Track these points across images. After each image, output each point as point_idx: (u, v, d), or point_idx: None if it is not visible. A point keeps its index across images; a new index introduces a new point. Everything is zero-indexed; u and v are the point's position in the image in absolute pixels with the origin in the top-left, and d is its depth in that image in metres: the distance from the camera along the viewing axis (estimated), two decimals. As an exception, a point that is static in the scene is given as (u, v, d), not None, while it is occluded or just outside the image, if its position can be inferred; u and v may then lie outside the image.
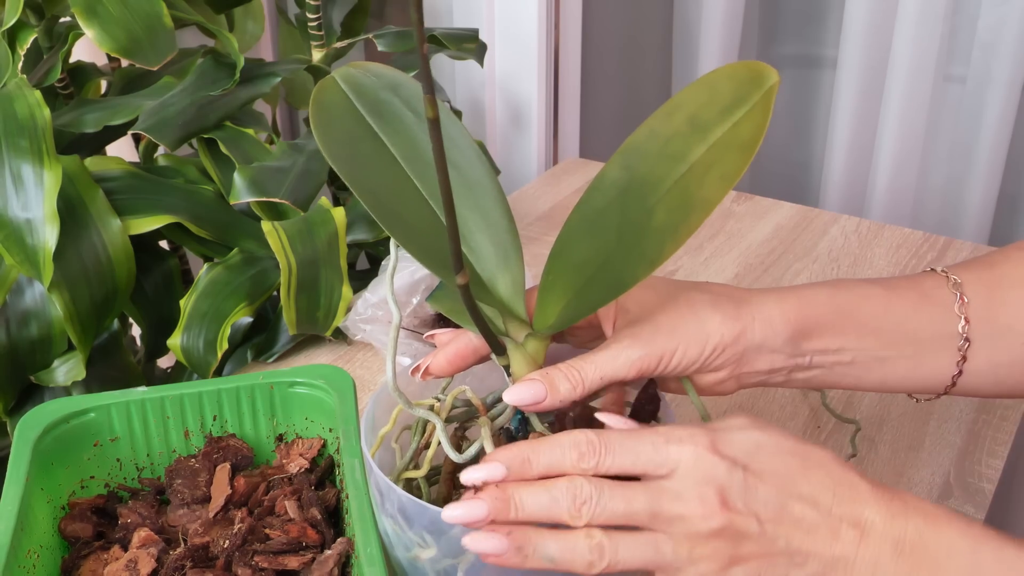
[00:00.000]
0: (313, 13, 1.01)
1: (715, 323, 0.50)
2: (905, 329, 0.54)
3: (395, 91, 0.51)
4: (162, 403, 0.62)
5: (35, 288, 0.79)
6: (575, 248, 0.46)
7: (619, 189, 0.45)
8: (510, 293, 0.49)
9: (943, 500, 0.69)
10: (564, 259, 0.46)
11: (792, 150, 1.43)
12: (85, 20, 0.79)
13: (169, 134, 0.85)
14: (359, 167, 0.47)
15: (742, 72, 0.43)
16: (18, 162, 0.75)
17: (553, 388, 0.47)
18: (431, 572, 0.48)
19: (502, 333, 0.49)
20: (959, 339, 0.54)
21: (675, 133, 0.44)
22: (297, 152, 0.92)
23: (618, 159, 0.45)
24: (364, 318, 0.82)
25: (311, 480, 0.60)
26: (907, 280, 0.56)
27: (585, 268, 0.46)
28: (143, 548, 0.56)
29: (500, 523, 0.43)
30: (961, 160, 1.23)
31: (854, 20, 1.20)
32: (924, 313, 0.54)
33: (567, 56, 1.24)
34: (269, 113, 1.24)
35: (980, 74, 1.18)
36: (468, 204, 0.50)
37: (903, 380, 0.55)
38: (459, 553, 0.46)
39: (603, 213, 0.45)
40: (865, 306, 0.53)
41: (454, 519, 0.43)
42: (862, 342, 0.53)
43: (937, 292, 0.54)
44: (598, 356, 0.48)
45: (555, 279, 0.47)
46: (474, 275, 0.49)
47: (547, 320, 0.48)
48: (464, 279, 0.42)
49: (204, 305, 0.82)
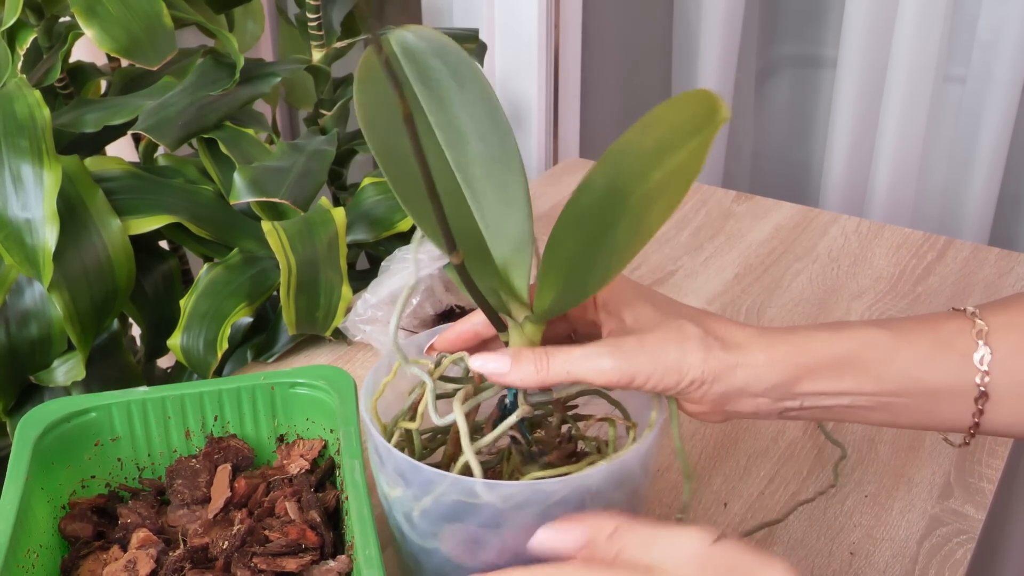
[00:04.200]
0: (313, 13, 1.01)
1: (696, 359, 0.49)
2: (912, 377, 0.51)
3: (442, 57, 0.51)
4: (163, 403, 0.62)
5: (35, 288, 0.79)
6: (565, 243, 0.47)
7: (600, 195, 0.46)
8: (516, 275, 0.50)
9: (943, 500, 0.69)
10: (556, 252, 0.47)
11: (792, 150, 1.43)
12: (85, 20, 0.79)
13: (169, 134, 0.85)
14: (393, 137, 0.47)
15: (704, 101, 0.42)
16: (18, 162, 0.75)
17: (517, 366, 0.48)
18: (399, 511, 0.51)
19: (505, 312, 0.49)
20: (975, 392, 0.50)
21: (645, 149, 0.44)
22: (297, 152, 0.92)
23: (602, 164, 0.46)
24: (364, 319, 0.82)
25: (311, 481, 0.60)
26: (923, 322, 0.52)
27: (572, 261, 0.47)
28: (142, 548, 0.56)
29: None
30: (961, 160, 1.23)
31: (854, 20, 1.20)
32: (936, 362, 0.51)
33: (567, 56, 1.24)
34: (269, 113, 1.24)
35: (980, 74, 1.18)
36: (493, 180, 0.50)
37: (916, 424, 0.53)
38: (421, 497, 0.49)
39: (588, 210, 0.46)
40: (866, 353, 0.51)
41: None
42: (862, 388, 0.51)
43: (956, 339, 0.51)
44: (572, 352, 0.48)
45: (548, 269, 0.47)
46: (485, 251, 0.49)
47: (543, 305, 0.48)
48: (458, 259, 0.43)
49: (204, 305, 0.82)
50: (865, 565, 0.64)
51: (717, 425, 0.76)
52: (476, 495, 0.47)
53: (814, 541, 0.66)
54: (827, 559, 0.65)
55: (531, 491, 0.47)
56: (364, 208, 0.93)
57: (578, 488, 0.48)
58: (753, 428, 0.76)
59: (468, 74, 0.51)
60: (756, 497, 0.69)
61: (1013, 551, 1.32)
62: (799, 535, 0.66)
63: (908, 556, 0.65)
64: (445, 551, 0.51)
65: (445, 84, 0.50)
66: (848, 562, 0.64)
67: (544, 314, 0.49)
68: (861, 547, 0.65)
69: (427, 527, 0.50)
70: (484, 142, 0.50)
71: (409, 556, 0.53)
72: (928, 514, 0.68)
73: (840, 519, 0.68)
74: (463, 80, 0.50)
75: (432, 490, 0.48)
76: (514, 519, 0.48)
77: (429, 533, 0.50)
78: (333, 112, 1.05)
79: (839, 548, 0.65)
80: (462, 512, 0.48)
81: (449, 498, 0.48)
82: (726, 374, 0.49)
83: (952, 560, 0.64)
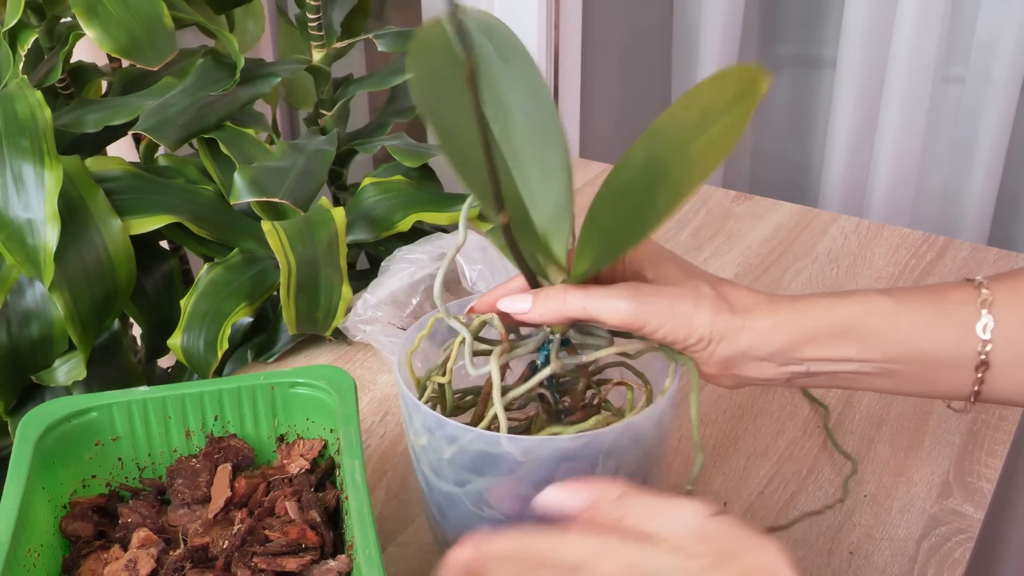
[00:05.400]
0: (313, 13, 1.01)
1: (704, 318, 0.51)
2: (914, 345, 0.51)
3: (488, 34, 0.53)
4: (164, 403, 0.62)
5: (36, 288, 0.79)
6: (605, 212, 0.50)
7: (640, 167, 0.49)
8: (555, 241, 0.52)
9: (943, 500, 0.69)
10: (596, 221, 0.50)
11: (792, 150, 1.43)
12: (86, 20, 0.79)
13: (169, 134, 0.85)
14: (443, 106, 0.50)
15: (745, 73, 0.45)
16: (19, 162, 0.75)
17: (538, 302, 0.51)
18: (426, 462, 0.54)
19: (543, 275, 0.52)
20: (976, 361, 0.51)
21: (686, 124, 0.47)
22: (297, 152, 0.92)
23: (643, 141, 0.49)
24: (364, 319, 0.82)
25: (311, 481, 0.60)
26: (929, 291, 0.53)
27: (611, 229, 0.50)
28: (142, 548, 0.56)
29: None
30: (961, 160, 1.23)
31: (854, 20, 1.20)
32: (938, 331, 0.51)
33: (567, 56, 1.24)
34: (269, 113, 1.24)
35: (979, 74, 1.18)
36: (535, 150, 0.53)
37: (920, 391, 0.54)
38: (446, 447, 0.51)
39: (627, 185, 0.49)
40: (869, 320, 0.52)
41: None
42: (865, 355, 0.52)
43: (959, 308, 0.51)
44: (591, 291, 0.51)
45: (587, 237, 0.51)
46: (527, 218, 0.52)
47: (580, 269, 0.51)
48: (505, 219, 0.47)
49: (204, 305, 0.82)
50: (864, 564, 0.64)
51: (717, 425, 0.76)
52: (498, 445, 0.50)
53: (814, 540, 0.66)
54: (826, 559, 0.65)
55: (549, 445, 0.50)
56: (364, 208, 0.93)
57: (593, 444, 0.50)
58: (753, 428, 0.76)
59: (513, 51, 0.53)
60: (756, 497, 0.70)
61: (1012, 550, 1.32)
62: (799, 535, 0.67)
63: (907, 555, 0.65)
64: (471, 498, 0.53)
65: (491, 61, 0.53)
66: (848, 561, 0.64)
67: (580, 277, 0.51)
68: (860, 547, 0.65)
69: (453, 476, 0.53)
70: (528, 117, 0.53)
71: (436, 506, 0.56)
72: (927, 513, 0.68)
73: (840, 519, 0.68)
74: (508, 57, 0.53)
75: (457, 440, 0.51)
76: (532, 472, 0.50)
77: (454, 482, 0.53)
78: (333, 112, 1.05)
79: (838, 548, 0.65)
80: (484, 463, 0.51)
81: (473, 447, 0.51)
82: (731, 336, 0.51)
83: (951, 559, 0.64)
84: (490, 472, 0.51)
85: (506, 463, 0.50)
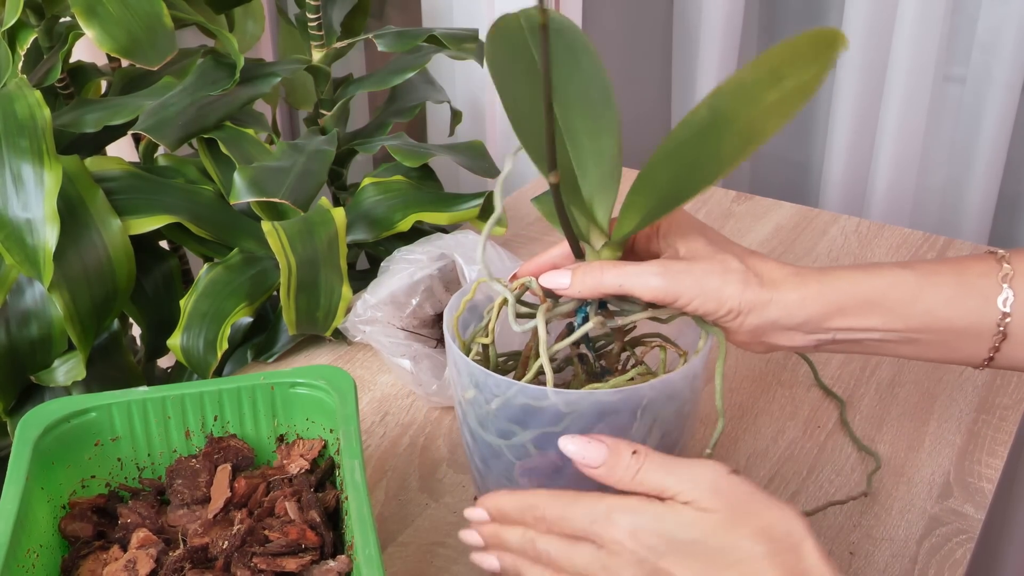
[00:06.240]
0: (313, 13, 1.01)
1: (734, 291, 0.54)
2: (936, 317, 0.54)
3: (560, 35, 0.60)
4: (163, 403, 0.62)
5: (35, 288, 0.79)
6: (657, 174, 0.53)
7: (701, 126, 0.51)
8: (600, 208, 0.57)
9: (943, 500, 0.69)
10: (647, 182, 0.53)
11: (792, 150, 1.43)
12: (85, 20, 0.79)
13: (169, 134, 0.85)
14: (511, 80, 0.57)
15: (823, 35, 0.47)
16: (18, 162, 0.75)
17: (577, 278, 0.55)
18: (473, 416, 0.58)
19: (585, 240, 0.56)
20: (994, 331, 0.54)
21: (756, 80, 0.49)
22: (297, 152, 0.92)
23: (708, 101, 0.51)
24: (364, 319, 0.82)
25: (311, 481, 0.60)
26: (951, 265, 0.55)
27: (661, 190, 0.52)
28: (142, 548, 0.56)
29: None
30: (961, 160, 1.23)
31: (854, 20, 1.20)
32: (960, 303, 0.54)
33: (567, 56, 1.24)
34: (269, 113, 1.24)
35: (980, 74, 1.18)
36: (587, 132, 0.58)
37: (940, 357, 0.57)
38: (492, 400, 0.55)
39: (683, 145, 0.52)
40: (893, 293, 0.54)
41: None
42: (888, 325, 0.55)
43: (981, 281, 0.54)
44: (626, 267, 0.54)
45: (636, 198, 0.54)
46: (575, 185, 0.57)
47: (623, 231, 0.55)
48: (556, 178, 0.50)
49: (204, 305, 0.82)
50: (865, 565, 0.64)
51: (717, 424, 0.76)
52: (543, 398, 0.53)
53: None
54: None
55: (590, 398, 0.53)
56: (364, 208, 0.93)
57: (631, 398, 0.54)
58: (753, 428, 0.76)
59: (582, 49, 0.60)
60: (756, 497, 0.69)
61: (1012, 551, 1.32)
62: (799, 535, 0.66)
63: (908, 556, 0.65)
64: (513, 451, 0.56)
65: (561, 57, 0.59)
66: (848, 562, 0.64)
67: (623, 238, 0.55)
68: (861, 547, 0.65)
69: (497, 428, 0.56)
70: (588, 104, 0.59)
71: (480, 458, 0.59)
72: (928, 514, 0.68)
73: (840, 518, 0.68)
74: (576, 54, 0.59)
75: (504, 393, 0.54)
76: (572, 425, 0.53)
77: (498, 433, 0.56)
78: (333, 112, 1.05)
79: (839, 548, 0.65)
80: (528, 416, 0.54)
81: (518, 401, 0.54)
82: (760, 308, 0.54)
83: (952, 560, 0.64)
84: (533, 425, 0.54)
85: (549, 415, 0.53)
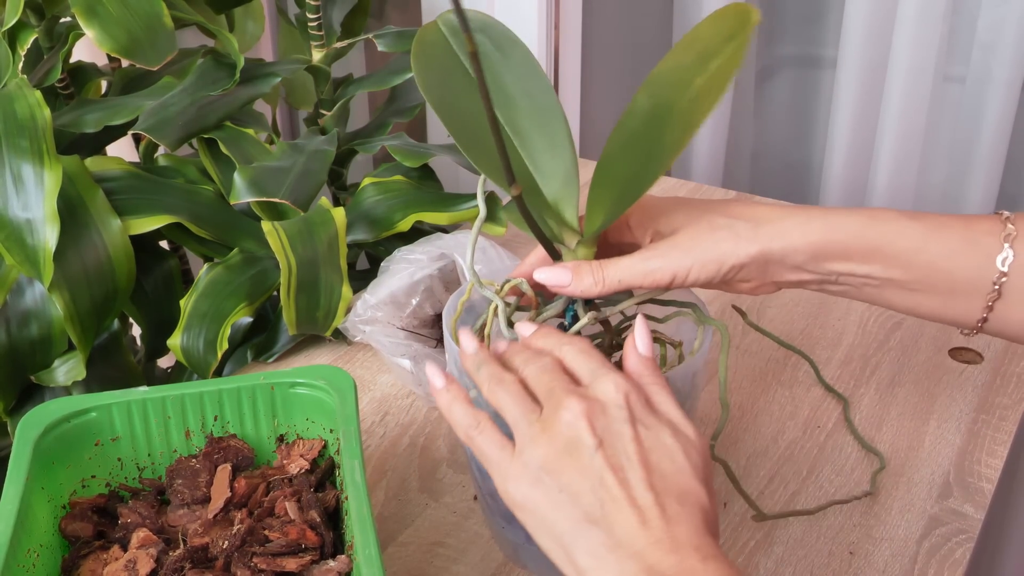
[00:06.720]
0: (313, 13, 1.01)
1: (729, 245, 0.54)
2: (937, 269, 0.54)
3: (485, 32, 0.59)
4: (163, 403, 0.62)
5: (35, 288, 0.79)
6: (614, 165, 0.53)
7: (646, 115, 0.51)
8: (566, 207, 0.56)
9: (943, 500, 0.69)
10: (606, 175, 0.53)
11: (792, 150, 1.43)
12: (85, 20, 0.79)
13: (169, 134, 0.85)
14: (448, 96, 0.55)
15: (736, 11, 0.48)
16: (18, 162, 0.75)
17: (578, 277, 0.54)
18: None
19: (559, 241, 0.56)
20: (990, 289, 0.54)
21: (687, 64, 0.50)
22: (297, 152, 0.92)
23: (646, 88, 0.51)
24: (364, 319, 0.82)
25: (311, 481, 0.60)
26: (959, 220, 0.56)
27: (621, 182, 0.52)
28: (142, 548, 0.56)
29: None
30: (961, 160, 1.23)
31: (854, 20, 1.20)
32: (961, 258, 0.54)
33: (567, 56, 1.24)
34: (269, 113, 1.24)
35: (980, 74, 1.18)
36: (538, 129, 0.57)
37: (933, 313, 0.57)
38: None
39: (635, 135, 0.52)
40: (898, 242, 0.54)
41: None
42: (890, 273, 0.55)
43: (985, 239, 0.54)
44: (622, 262, 0.54)
45: (599, 192, 0.54)
46: (537, 190, 0.56)
47: (593, 227, 0.54)
48: (517, 190, 0.50)
49: (204, 305, 0.82)
50: (864, 565, 0.64)
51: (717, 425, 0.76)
52: None
53: (814, 541, 0.66)
54: (827, 559, 0.65)
55: None
56: (364, 208, 0.93)
57: None
58: (753, 428, 0.76)
59: (510, 43, 0.59)
60: (756, 497, 0.69)
61: (1012, 551, 1.32)
62: (799, 534, 0.66)
63: (907, 556, 0.65)
64: None
65: (490, 53, 0.58)
66: (848, 561, 0.64)
67: (594, 234, 0.54)
68: (860, 546, 0.65)
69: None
70: (529, 98, 0.58)
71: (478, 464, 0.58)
72: (927, 514, 0.68)
73: (840, 518, 0.68)
74: (505, 49, 0.58)
75: None
76: None
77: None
78: (333, 112, 1.05)
79: (838, 548, 0.65)
80: None
81: None
82: (763, 250, 0.54)
83: (951, 560, 0.64)
84: None
85: None
